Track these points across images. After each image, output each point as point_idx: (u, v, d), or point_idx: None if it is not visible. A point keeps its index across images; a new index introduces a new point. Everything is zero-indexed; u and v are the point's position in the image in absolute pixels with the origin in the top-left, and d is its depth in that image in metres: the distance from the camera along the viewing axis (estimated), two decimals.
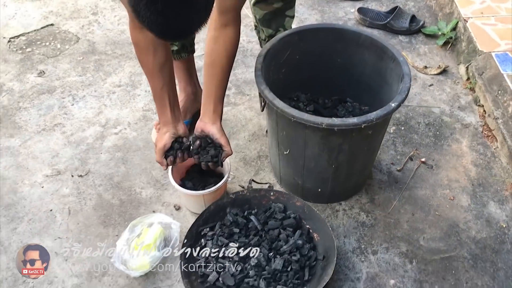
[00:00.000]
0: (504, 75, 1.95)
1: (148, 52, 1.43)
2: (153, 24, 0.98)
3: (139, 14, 0.97)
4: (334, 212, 1.69)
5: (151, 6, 0.94)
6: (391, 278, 1.52)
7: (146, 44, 1.41)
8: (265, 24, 1.75)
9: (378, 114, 1.35)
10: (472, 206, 1.70)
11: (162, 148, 1.53)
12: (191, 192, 1.59)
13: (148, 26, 0.99)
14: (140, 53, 1.46)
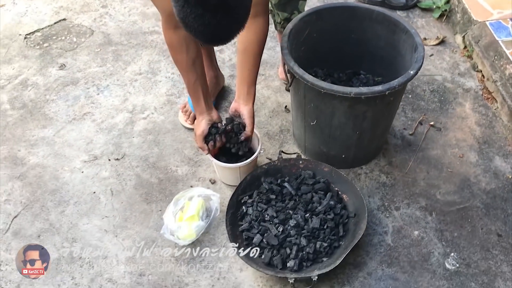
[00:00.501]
0: (499, 41, 2.11)
1: (181, 51, 1.56)
2: (200, 34, 1.12)
3: (187, 25, 1.10)
4: (357, 176, 1.84)
5: (199, 19, 1.07)
6: (414, 229, 1.69)
7: (180, 43, 1.54)
8: (280, 8, 1.88)
9: (400, 81, 1.50)
10: (480, 162, 1.88)
11: (201, 135, 1.66)
12: (229, 165, 1.72)
13: (195, 35, 1.13)
14: (174, 52, 1.59)
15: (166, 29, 1.53)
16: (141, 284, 1.57)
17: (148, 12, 2.55)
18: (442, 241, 1.66)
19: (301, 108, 1.71)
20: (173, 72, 2.24)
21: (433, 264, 1.60)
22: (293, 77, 1.62)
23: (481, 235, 1.67)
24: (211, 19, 1.08)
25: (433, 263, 1.61)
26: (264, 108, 2.08)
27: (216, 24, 1.09)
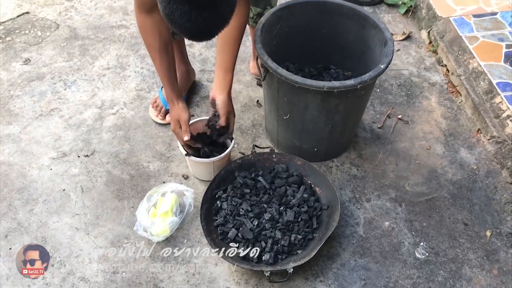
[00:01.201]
0: (463, 37, 2.18)
1: (154, 34, 1.54)
2: (186, 30, 1.12)
3: (173, 21, 1.09)
4: (328, 169, 1.87)
5: (185, 16, 1.07)
6: (385, 220, 1.73)
7: (153, 26, 1.52)
8: (253, 3, 1.87)
9: (371, 75, 1.53)
10: (446, 153, 1.94)
11: (188, 119, 1.64)
12: (203, 160, 1.71)
13: (180, 31, 1.13)
14: (147, 35, 1.56)
15: (139, 13, 1.51)
16: (115, 281, 1.55)
17: (115, 6, 2.51)
18: (412, 231, 1.71)
19: (274, 102, 1.72)
20: (142, 66, 2.21)
21: (404, 253, 1.65)
22: (267, 71, 1.63)
23: (448, 225, 1.73)
24: (198, 16, 1.08)
25: (404, 252, 1.65)
26: (236, 103, 2.07)
27: (202, 20, 1.09)
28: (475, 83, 2.04)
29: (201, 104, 2.07)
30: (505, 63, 2.07)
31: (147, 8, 1.49)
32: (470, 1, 2.35)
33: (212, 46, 2.32)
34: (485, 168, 1.89)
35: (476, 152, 1.94)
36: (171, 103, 1.65)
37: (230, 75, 1.61)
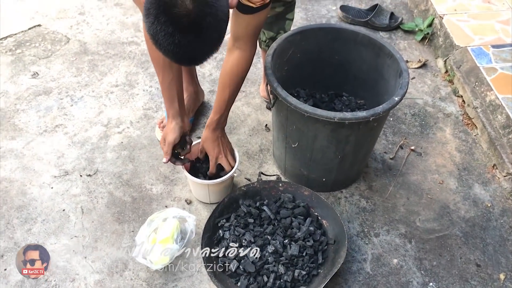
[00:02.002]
0: (480, 67, 2.12)
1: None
2: (169, 52, 1.08)
3: (157, 42, 1.05)
4: (337, 200, 1.81)
5: (169, 38, 1.02)
6: (394, 257, 1.66)
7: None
8: (266, 27, 1.84)
9: (384, 107, 1.47)
10: (459, 189, 1.87)
11: (172, 142, 1.59)
12: (198, 180, 1.66)
13: (164, 53, 1.09)
14: (152, 50, 1.52)
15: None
16: None
17: (127, 22, 2.48)
18: (421, 270, 1.63)
19: (282, 129, 1.67)
20: (151, 85, 2.17)
21: None
22: (276, 98, 1.58)
23: (459, 265, 1.65)
24: (182, 39, 1.04)
25: None
26: (244, 126, 2.03)
27: (186, 44, 1.05)
28: (492, 116, 1.97)
29: None
30: None
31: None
32: (489, 31, 2.29)
33: None
34: (500, 206, 1.81)
35: (491, 189, 1.86)
36: (169, 119, 1.61)
37: (214, 114, 1.61)
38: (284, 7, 1.79)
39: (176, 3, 0.98)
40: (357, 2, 2.68)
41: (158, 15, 1.00)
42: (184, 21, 1.00)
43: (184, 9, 0.99)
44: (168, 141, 1.60)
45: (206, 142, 1.68)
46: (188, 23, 1.00)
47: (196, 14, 1.00)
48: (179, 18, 1.00)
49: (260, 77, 2.21)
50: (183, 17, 0.99)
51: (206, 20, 1.02)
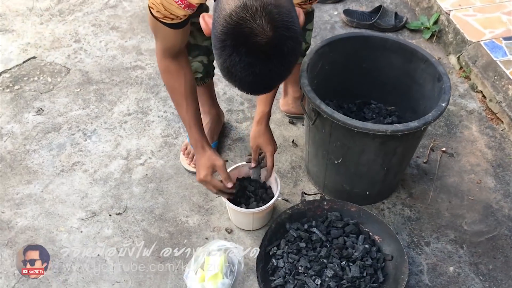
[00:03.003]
0: (497, 61, 2.11)
1: (180, 78, 1.45)
2: (246, 84, 1.00)
3: (232, 74, 0.98)
4: (380, 212, 1.75)
5: (249, 68, 0.95)
6: (449, 265, 1.62)
7: (178, 70, 1.45)
8: None
9: (434, 115, 1.43)
10: (498, 186, 1.84)
11: (224, 165, 1.52)
12: (242, 209, 1.59)
13: (240, 84, 1.01)
14: (171, 79, 1.46)
15: (163, 57, 1.42)
16: None
17: (127, 46, 2.37)
18: (479, 276, 1.59)
19: (323, 146, 1.61)
20: (166, 110, 2.07)
21: None
22: (318, 115, 1.51)
23: None
24: (263, 67, 0.96)
25: None
26: None
27: (266, 73, 0.97)
28: None
29: (234, 148, 1.94)
30: None
31: (173, 54, 1.40)
32: (498, 24, 2.29)
33: None
34: None
35: None
36: (201, 150, 1.53)
37: (264, 107, 1.56)
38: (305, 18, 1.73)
39: (257, 32, 0.91)
40: (358, 5, 2.64)
41: (237, 46, 0.93)
42: (266, 49, 0.93)
43: (265, 36, 0.91)
44: (220, 165, 1.52)
45: (260, 138, 1.60)
46: (270, 50, 0.93)
47: (278, 39, 0.93)
48: (260, 47, 0.92)
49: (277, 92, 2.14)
50: (265, 44, 0.92)
51: (287, 45, 0.95)
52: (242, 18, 0.91)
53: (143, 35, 2.44)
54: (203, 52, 1.67)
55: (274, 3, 0.92)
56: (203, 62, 1.69)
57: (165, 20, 1.26)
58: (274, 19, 0.91)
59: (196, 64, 1.68)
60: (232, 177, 1.70)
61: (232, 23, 0.92)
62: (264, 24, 0.91)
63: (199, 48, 1.65)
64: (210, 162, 1.51)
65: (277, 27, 0.92)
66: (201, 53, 1.67)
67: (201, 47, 1.65)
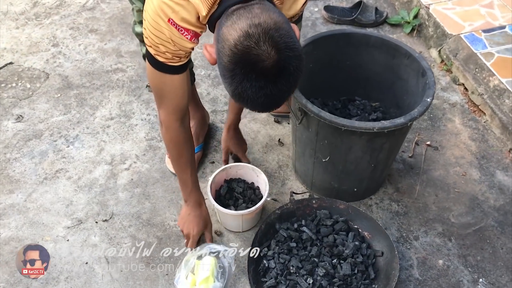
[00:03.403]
0: (478, 54, 2.13)
1: (187, 147, 1.46)
2: (259, 105, 1.04)
3: (244, 98, 1.01)
4: (368, 207, 1.76)
5: (260, 91, 0.99)
6: (438, 258, 1.63)
7: (187, 138, 1.44)
8: None
9: (420, 110, 1.43)
10: (483, 178, 1.86)
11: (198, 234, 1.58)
12: (231, 212, 1.58)
13: (251, 106, 1.05)
14: (180, 148, 1.45)
15: (175, 121, 1.36)
16: None
17: (107, 48, 2.34)
18: (468, 267, 1.61)
19: (310, 145, 1.60)
20: (149, 113, 2.05)
21: None
22: (304, 114, 1.50)
23: (503, 255, 1.64)
24: (273, 88, 1.00)
25: None
26: (256, 143, 1.94)
27: (277, 91, 1.01)
28: (499, 101, 1.98)
29: (220, 149, 1.92)
30: None
31: (182, 115, 1.36)
32: (476, 16, 2.31)
33: (219, 83, 2.18)
34: None
35: None
36: (199, 208, 1.57)
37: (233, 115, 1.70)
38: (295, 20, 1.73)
39: (263, 57, 0.95)
40: (338, 1, 2.64)
41: (246, 73, 0.97)
42: (274, 71, 0.97)
43: (272, 60, 0.96)
44: (210, 227, 1.60)
45: (230, 142, 1.77)
46: (277, 72, 0.98)
47: (283, 61, 0.97)
48: (268, 70, 0.97)
49: None
50: (272, 68, 0.96)
51: (293, 64, 0.99)
52: (247, 47, 0.96)
53: (123, 37, 2.40)
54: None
55: (274, 27, 0.97)
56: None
57: (173, 62, 1.20)
58: (277, 43, 0.96)
59: None
60: (220, 179, 1.70)
61: (238, 52, 0.96)
62: (268, 49, 0.95)
63: None
64: (205, 223, 1.57)
65: (280, 49, 0.96)
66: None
67: None
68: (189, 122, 1.44)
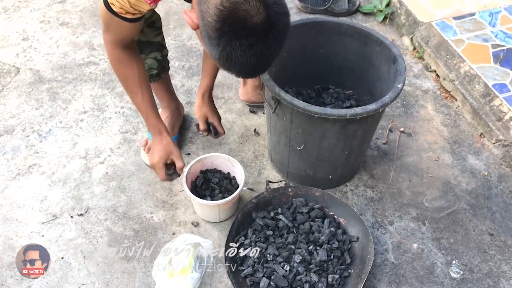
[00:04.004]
0: (449, 40, 2.16)
1: (132, 66, 1.41)
2: (247, 66, 1.02)
3: (232, 60, 1.00)
4: (344, 194, 1.78)
5: (249, 50, 0.98)
6: (413, 242, 1.66)
7: (130, 58, 1.40)
8: None
9: (391, 96, 1.45)
10: (455, 162, 1.90)
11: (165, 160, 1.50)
12: (207, 202, 1.58)
13: (239, 69, 1.03)
14: (124, 68, 1.42)
15: (114, 47, 1.36)
16: None
17: (79, 41, 2.30)
18: (442, 250, 1.64)
19: (285, 133, 1.61)
20: (123, 106, 2.03)
21: (439, 275, 1.58)
22: (278, 103, 1.51)
23: (475, 237, 1.68)
24: (262, 47, 0.99)
25: (439, 274, 1.58)
26: (232, 134, 1.94)
27: (266, 51, 1.00)
28: (470, 87, 2.02)
29: (195, 140, 1.92)
30: (495, 63, 2.07)
31: (125, 44, 1.36)
32: (446, 4, 2.34)
33: (194, 74, 2.17)
34: (496, 173, 1.87)
35: (484, 158, 1.91)
36: (159, 136, 1.50)
37: (208, 81, 1.61)
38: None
39: (252, 13, 0.94)
40: None
41: (235, 31, 0.96)
42: (263, 28, 0.96)
43: (261, 16, 0.95)
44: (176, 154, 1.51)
45: (205, 108, 1.66)
46: (267, 28, 0.97)
47: (272, 17, 0.97)
48: (258, 26, 0.95)
49: (236, 81, 2.13)
50: (261, 24, 0.95)
51: (281, 20, 0.99)
52: (235, 3, 0.94)
53: (95, 29, 2.37)
54: (156, 48, 1.65)
55: None
56: (157, 58, 1.67)
57: (126, 15, 1.22)
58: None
59: (150, 61, 1.65)
60: (195, 170, 1.69)
61: (225, 10, 0.95)
62: (257, 4, 0.94)
63: (151, 44, 1.62)
64: (167, 150, 1.50)
65: (268, 5, 0.96)
66: (154, 49, 1.64)
67: (154, 43, 1.63)
68: (136, 49, 1.41)
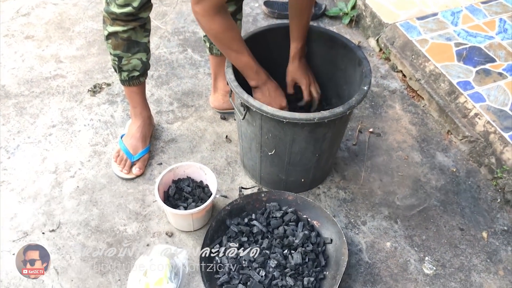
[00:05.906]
0: (413, 41, 2.21)
1: (235, 26, 1.47)
2: None
3: None
4: (317, 197, 1.80)
5: None
6: (386, 241, 1.69)
7: (231, 20, 1.44)
8: None
9: (358, 99, 1.47)
10: (424, 160, 1.94)
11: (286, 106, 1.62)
12: (180, 212, 1.58)
13: None
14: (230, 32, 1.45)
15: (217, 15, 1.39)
16: None
17: (45, 55, 2.27)
18: (414, 247, 1.67)
19: (256, 139, 1.62)
20: (92, 118, 2.00)
21: (413, 272, 1.61)
22: (247, 110, 1.52)
23: (446, 233, 1.72)
24: None
25: (412, 271, 1.61)
26: (204, 142, 1.94)
27: None
28: (435, 85, 2.07)
29: (167, 150, 1.91)
30: (459, 61, 2.12)
31: (222, 7, 1.39)
32: (409, 5, 2.39)
33: (163, 84, 2.17)
34: (463, 169, 1.91)
35: (452, 154, 1.96)
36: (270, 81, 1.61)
37: (296, 43, 1.64)
38: (236, 7, 1.74)
39: None
40: None
41: None
42: None
43: None
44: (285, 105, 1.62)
45: (297, 73, 1.71)
46: None
47: None
48: None
49: (205, 88, 2.13)
50: None
51: None
52: None
53: (61, 42, 2.34)
54: (142, 49, 1.65)
55: None
56: (142, 59, 1.67)
57: None
58: None
59: (135, 61, 1.66)
60: (167, 180, 1.69)
61: None
62: None
63: (139, 44, 1.63)
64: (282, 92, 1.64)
65: None
66: (140, 50, 1.65)
67: (141, 44, 1.63)
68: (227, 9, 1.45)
